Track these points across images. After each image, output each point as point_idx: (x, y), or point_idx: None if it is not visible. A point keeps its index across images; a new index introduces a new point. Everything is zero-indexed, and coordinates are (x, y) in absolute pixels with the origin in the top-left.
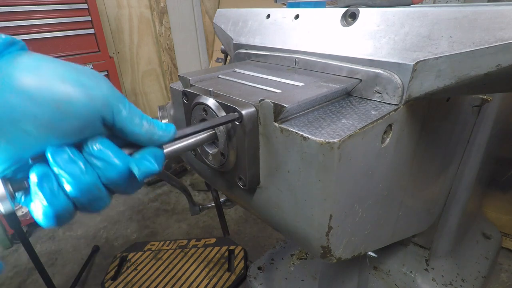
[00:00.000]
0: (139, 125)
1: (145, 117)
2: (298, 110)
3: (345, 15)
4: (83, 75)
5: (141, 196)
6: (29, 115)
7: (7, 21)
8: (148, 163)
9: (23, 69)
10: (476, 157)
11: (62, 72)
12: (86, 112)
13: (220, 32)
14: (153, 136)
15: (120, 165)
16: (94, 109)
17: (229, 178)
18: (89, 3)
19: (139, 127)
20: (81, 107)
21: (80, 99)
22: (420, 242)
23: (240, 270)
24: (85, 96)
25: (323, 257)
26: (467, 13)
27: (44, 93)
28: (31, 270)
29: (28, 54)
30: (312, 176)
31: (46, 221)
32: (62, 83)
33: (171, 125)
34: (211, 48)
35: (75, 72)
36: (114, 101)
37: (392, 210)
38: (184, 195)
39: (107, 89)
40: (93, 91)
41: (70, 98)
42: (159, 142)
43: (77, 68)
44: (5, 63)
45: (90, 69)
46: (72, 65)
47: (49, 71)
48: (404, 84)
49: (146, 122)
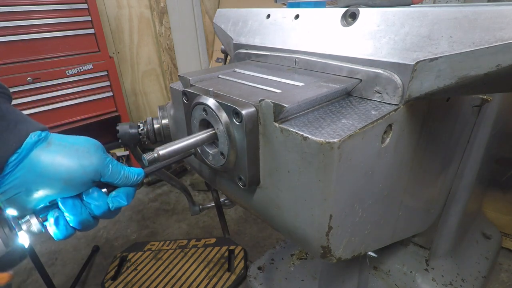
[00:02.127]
0: (118, 178)
1: (123, 170)
2: (298, 110)
3: (345, 15)
4: (82, 156)
5: (141, 196)
6: (46, 184)
7: (7, 21)
8: (120, 200)
9: (44, 157)
10: (476, 157)
11: (68, 158)
12: (81, 181)
13: (220, 32)
14: (127, 183)
15: (102, 205)
16: (87, 178)
17: (229, 178)
18: (89, 3)
19: (118, 180)
20: (79, 179)
21: (78, 175)
22: (420, 242)
23: (240, 270)
24: (82, 172)
25: (323, 257)
26: (467, 13)
27: (55, 174)
28: (31, 270)
29: (48, 144)
30: (312, 176)
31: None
32: (67, 166)
33: (140, 170)
34: (211, 48)
35: (76, 155)
36: (101, 168)
37: (392, 210)
38: (184, 195)
39: (97, 163)
40: (87, 167)
41: (71, 175)
42: (133, 185)
43: (77, 150)
44: (35, 155)
45: (88, 143)
46: (76, 147)
47: (59, 158)
48: (404, 84)
49: (123, 174)
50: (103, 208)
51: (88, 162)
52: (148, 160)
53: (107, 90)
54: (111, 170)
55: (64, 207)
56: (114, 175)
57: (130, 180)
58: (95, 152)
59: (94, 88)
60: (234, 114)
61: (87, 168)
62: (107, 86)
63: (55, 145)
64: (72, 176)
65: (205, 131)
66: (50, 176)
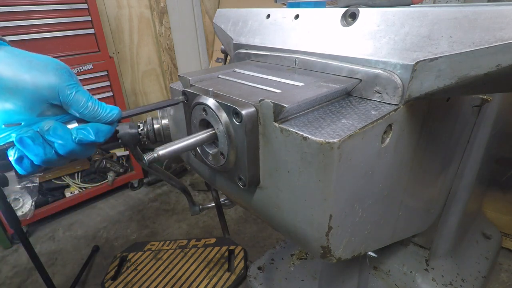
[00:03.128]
0: (83, 107)
1: (91, 100)
2: (298, 110)
3: (345, 15)
4: (34, 67)
5: (141, 196)
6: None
7: (7, 21)
8: (86, 133)
9: None
10: (476, 157)
11: (18, 65)
12: (32, 96)
13: (220, 32)
14: (96, 117)
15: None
16: (39, 94)
17: (229, 178)
18: (89, 3)
19: (83, 108)
20: (29, 93)
21: (28, 87)
22: (420, 242)
23: (240, 270)
24: (31, 85)
25: (323, 257)
26: (467, 13)
27: (0, 81)
28: (31, 270)
29: (3, 50)
30: (312, 176)
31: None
32: (13, 74)
33: (116, 108)
34: (211, 48)
35: (27, 64)
36: (61, 88)
37: (392, 210)
38: (184, 195)
39: (54, 78)
40: (38, 79)
41: (19, 86)
42: (103, 121)
43: (31, 61)
44: None
45: (48, 60)
46: (30, 59)
47: (7, 64)
48: (404, 84)
49: (91, 104)
50: (69, 147)
51: (42, 76)
52: (148, 160)
53: (107, 90)
54: (74, 95)
55: (23, 147)
56: (76, 102)
57: (100, 114)
58: (55, 70)
59: (94, 88)
60: (234, 114)
61: (39, 81)
62: (107, 86)
63: (7, 51)
64: (20, 87)
65: (205, 131)
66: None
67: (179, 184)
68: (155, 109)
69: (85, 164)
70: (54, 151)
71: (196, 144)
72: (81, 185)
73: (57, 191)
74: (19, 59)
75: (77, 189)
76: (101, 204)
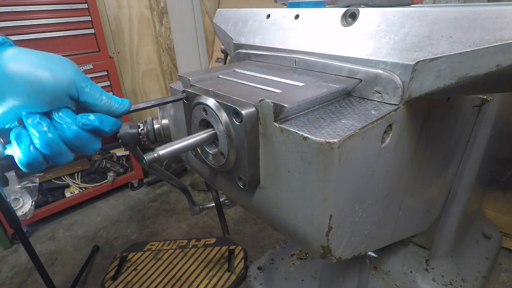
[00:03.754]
0: (99, 99)
1: (104, 93)
2: (298, 110)
3: (345, 15)
4: (52, 62)
5: (141, 196)
6: (11, 91)
7: (7, 21)
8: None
9: (8, 60)
10: (476, 157)
11: (36, 61)
12: (52, 90)
13: (220, 32)
14: (110, 108)
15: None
16: (60, 88)
17: (229, 178)
18: (89, 3)
19: (99, 100)
20: (49, 86)
21: (48, 81)
22: (420, 242)
23: (240, 270)
24: (52, 78)
25: (323, 257)
26: (467, 13)
27: (21, 77)
28: (31, 270)
29: (14, 49)
30: (312, 176)
31: (22, 167)
32: (34, 69)
33: (126, 100)
34: (211, 48)
35: (45, 60)
36: (78, 81)
37: (392, 210)
38: (184, 195)
39: (71, 72)
40: (59, 74)
41: (40, 80)
42: (117, 113)
43: (47, 57)
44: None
45: (61, 57)
46: (45, 55)
47: (25, 61)
48: (404, 84)
49: (105, 97)
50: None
51: (61, 70)
52: (148, 160)
53: (107, 90)
54: (89, 89)
55: (28, 121)
56: (93, 94)
57: (113, 106)
58: (70, 64)
59: None
60: (234, 114)
61: (60, 75)
62: (107, 86)
63: (19, 50)
64: (41, 82)
65: (205, 131)
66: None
67: (179, 184)
68: (160, 104)
69: (85, 164)
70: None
71: (196, 144)
72: (81, 185)
73: (57, 191)
74: (35, 55)
75: (77, 189)
76: (101, 204)
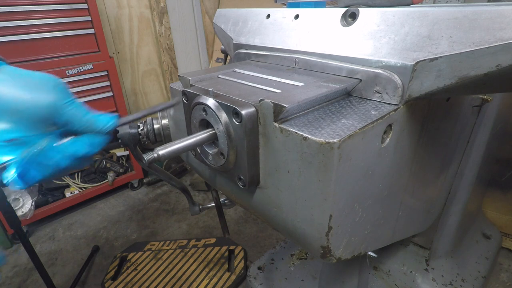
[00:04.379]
0: (79, 122)
1: (88, 113)
2: (298, 110)
3: (345, 15)
4: (34, 88)
5: (141, 196)
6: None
7: (7, 21)
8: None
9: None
10: (476, 157)
11: (18, 87)
12: (34, 116)
13: (220, 32)
14: (95, 129)
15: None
16: (40, 114)
17: (229, 178)
18: (89, 3)
19: (79, 125)
20: (30, 113)
21: (29, 107)
22: (420, 242)
23: (240, 270)
24: (33, 105)
25: (323, 257)
26: (467, 13)
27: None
28: (31, 270)
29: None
30: (312, 176)
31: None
32: (14, 97)
33: (111, 118)
34: (211, 48)
35: (27, 86)
36: (60, 104)
37: (392, 210)
38: (184, 195)
39: (53, 98)
40: (39, 101)
41: (20, 107)
42: (103, 131)
43: (29, 82)
44: None
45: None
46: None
47: (7, 87)
48: (404, 84)
49: (87, 118)
50: (63, 164)
51: (42, 95)
52: (148, 160)
53: (107, 90)
54: (72, 112)
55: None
56: (74, 118)
57: (96, 128)
58: (53, 88)
59: (94, 88)
60: (234, 114)
61: (40, 101)
62: (107, 86)
63: (4, 73)
64: (21, 108)
65: (205, 131)
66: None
67: (179, 184)
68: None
69: None
70: (52, 169)
71: (196, 144)
72: (81, 185)
73: (57, 191)
74: (18, 80)
75: (77, 189)
76: (101, 204)
